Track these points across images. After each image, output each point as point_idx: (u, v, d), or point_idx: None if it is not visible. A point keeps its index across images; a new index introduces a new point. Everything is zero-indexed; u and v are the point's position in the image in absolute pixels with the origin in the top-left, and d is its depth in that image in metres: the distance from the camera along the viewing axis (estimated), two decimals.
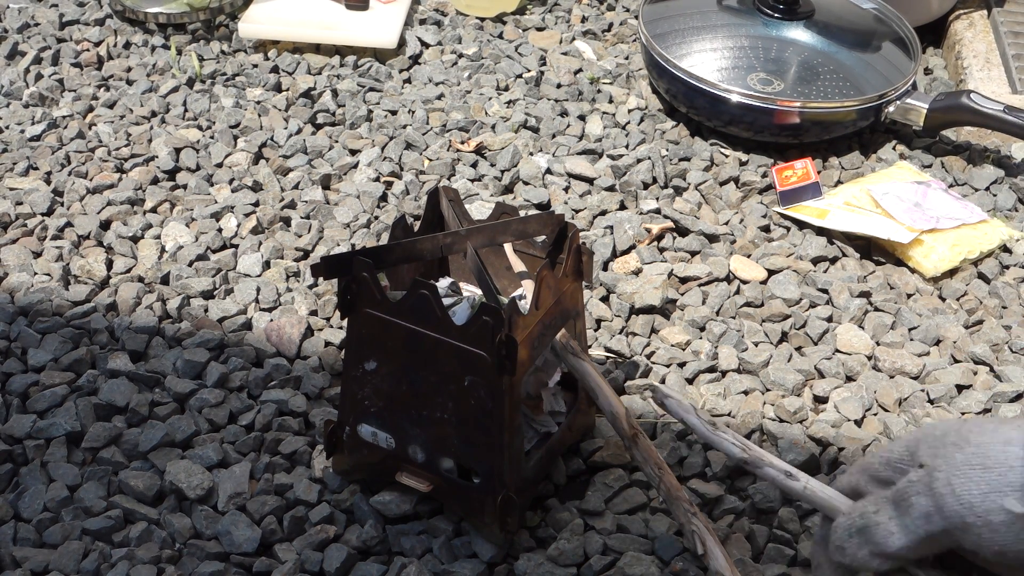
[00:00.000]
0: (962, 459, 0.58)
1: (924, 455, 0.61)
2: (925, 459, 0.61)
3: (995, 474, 0.57)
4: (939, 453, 0.60)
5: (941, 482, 0.58)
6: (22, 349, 0.95)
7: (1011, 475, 0.56)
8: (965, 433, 0.59)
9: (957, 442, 0.59)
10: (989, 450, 0.57)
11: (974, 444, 0.58)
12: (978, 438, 0.58)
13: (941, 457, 0.59)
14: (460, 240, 0.81)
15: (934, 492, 0.59)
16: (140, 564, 0.77)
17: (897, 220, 1.08)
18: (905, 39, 1.30)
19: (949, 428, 0.61)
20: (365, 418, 0.80)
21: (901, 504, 0.61)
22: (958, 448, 0.59)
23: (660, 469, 0.78)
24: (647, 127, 1.26)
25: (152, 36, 1.39)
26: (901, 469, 0.63)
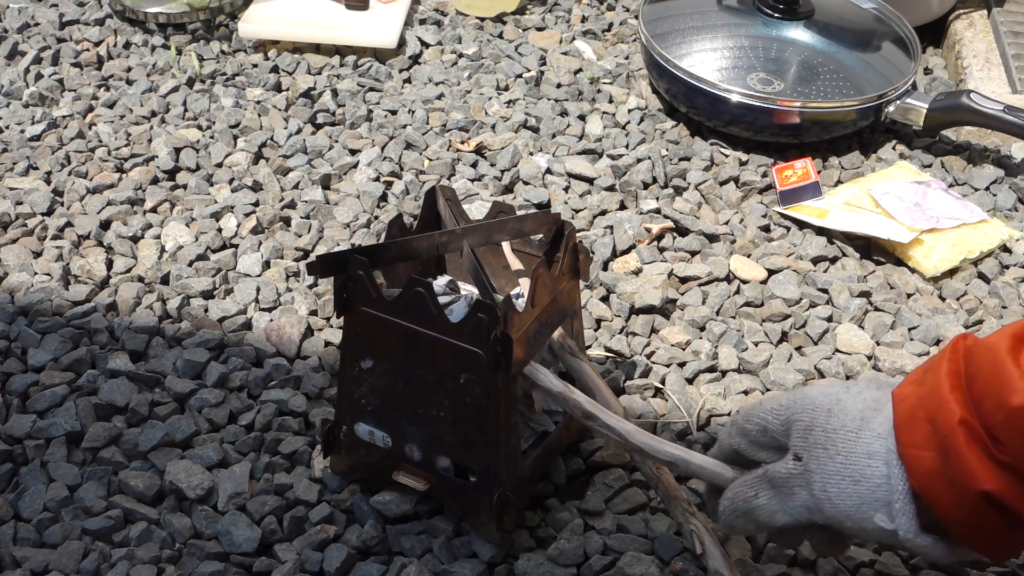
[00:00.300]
0: (834, 470, 0.63)
1: (796, 443, 0.66)
2: (798, 449, 0.65)
3: (864, 488, 0.62)
4: (811, 449, 0.65)
5: (818, 487, 0.64)
6: (22, 349, 0.95)
7: (878, 492, 0.62)
8: (831, 431, 0.64)
9: (825, 445, 0.64)
10: (856, 465, 0.63)
11: (842, 454, 0.63)
12: (844, 446, 0.63)
13: (814, 459, 0.64)
14: (456, 239, 0.81)
15: (813, 494, 0.64)
16: (140, 564, 0.77)
17: (897, 220, 1.08)
18: (905, 39, 1.30)
19: (816, 418, 0.65)
20: (362, 417, 0.80)
21: (782, 490, 0.66)
22: (827, 454, 0.64)
23: (658, 469, 0.78)
24: (647, 127, 1.26)
25: (152, 36, 1.39)
26: (776, 442, 0.68)
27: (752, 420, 0.69)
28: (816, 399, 0.66)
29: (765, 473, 0.68)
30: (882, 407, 0.64)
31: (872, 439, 0.63)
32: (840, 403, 0.66)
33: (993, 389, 0.59)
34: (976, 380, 0.60)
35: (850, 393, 0.67)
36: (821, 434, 0.65)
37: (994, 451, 0.59)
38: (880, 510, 0.62)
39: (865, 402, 0.65)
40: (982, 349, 0.61)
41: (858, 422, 0.64)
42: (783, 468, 0.66)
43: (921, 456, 0.61)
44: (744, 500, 0.69)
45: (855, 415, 0.65)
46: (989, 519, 0.60)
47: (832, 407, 0.66)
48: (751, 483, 0.68)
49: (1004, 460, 0.59)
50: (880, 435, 0.63)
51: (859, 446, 0.63)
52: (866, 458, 0.63)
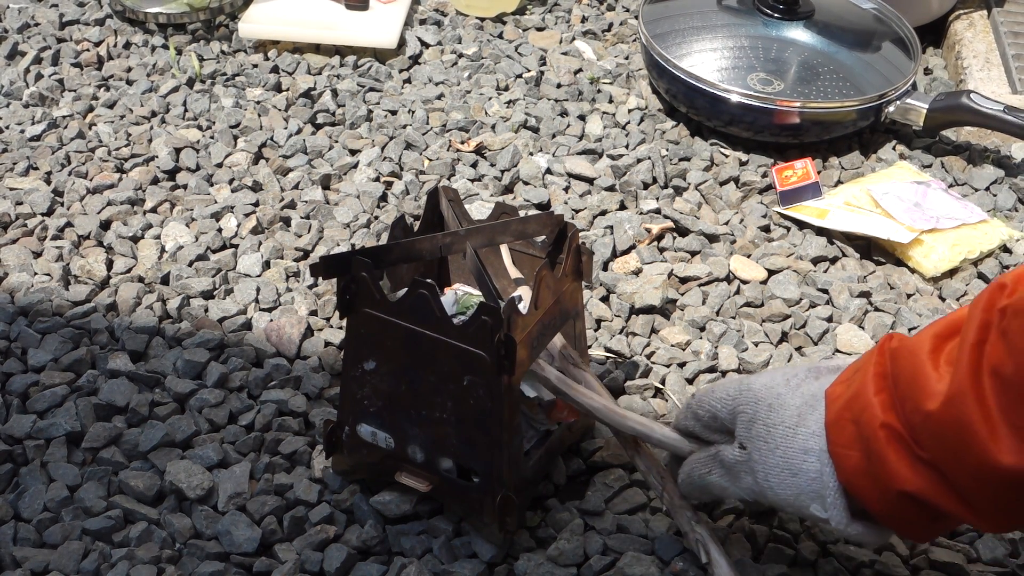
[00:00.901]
0: (774, 462, 0.68)
1: (741, 433, 0.71)
2: (743, 439, 0.71)
3: (801, 480, 0.67)
4: (753, 441, 0.70)
5: (760, 476, 0.69)
6: (22, 349, 0.95)
7: (813, 485, 0.67)
8: (771, 426, 0.69)
9: (766, 439, 0.69)
10: (793, 459, 0.68)
11: (781, 448, 0.68)
12: (782, 441, 0.68)
13: (756, 450, 0.69)
14: (459, 240, 0.81)
15: (758, 481, 0.70)
16: (140, 564, 0.77)
17: (897, 220, 1.08)
18: (905, 39, 1.30)
19: (757, 411, 0.70)
20: (364, 418, 0.80)
21: (731, 472, 0.72)
22: (767, 447, 0.69)
23: (663, 478, 0.78)
24: (647, 127, 1.26)
25: (152, 36, 1.39)
26: (724, 427, 0.73)
27: (703, 407, 0.74)
28: (758, 392, 0.71)
29: (717, 453, 0.73)
30: (817, 404, 0.68)
31: (808, 436, 0.67)
32: (780, 398, 0.70)
33: (912, 392, 0.62)
34: (899, 382, 0.64)
35: (790, 387, 0.71)
36: (762, 428, 0.69)
37: (917, 450, 0.63)
38: (815, 501, 0.67)
39: (803, 398, 0.69)
40: (905, 351, 0.65)
41: (795, 419, 0.68)
42: (730, 454, 0.72)
43: (847, 455, 0.65)
44: (699, 476, 0.75)
45: (793, 411, 0.69)
46: (911, 513, 0.65)
47: (772, 402, 0.70)
48: (705, 461, 0.74)
49: (925, 458, 0.62)
50: (815, 433, 0.67)
51: (796, 442, 0.68)
52: (802, 454, 0.67)
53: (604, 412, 0.78)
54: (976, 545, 0.81)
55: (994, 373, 0.58)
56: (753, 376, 0.73)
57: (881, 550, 0.80)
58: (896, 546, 0.81)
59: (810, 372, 0.72)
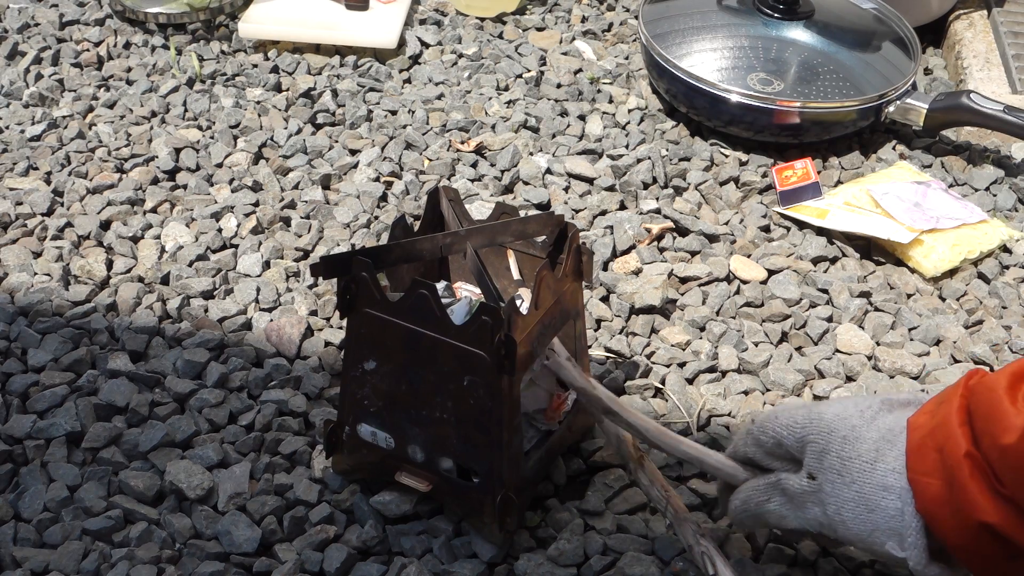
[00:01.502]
0: (848, 497, 0.67)
1: (811, 463, 0.69)
2: (813, 469, 0.69)
3: (878, 517, 0.66)
4: (825, 473, 0.68)
5: (832, 509, 0.68)
6: (22, 349, 0.95)
7: (891, 523, 0.66)
8: (846, 459, 0.67)
9: (840, 471, 0.67)
10: (871, 496, 0.66)
11: (858, 483, 0.67)
12: (859, 476, 0.67)
13: (828, 482, 0.68)
14: (460, 240, 0.81)
15: (827, 514, 0.68)
16: (140, 564, 0.77)
17: (897, 220, 1.08)
18: (905, 39, 1.30)
19: (831, 443, 0.68)
20: (365, 418, 0.80)
21: (795, 501, 0.70)
22: (842, 481, 0.67)
23: (667, 492, 0.78)
24: (647, 127, 1.26)
25: (152, 36, 1.39)
26: (790, 455, 0.71)
27: (767, 433, 0.72)
28: (831, 423, 0.69)
29: (779, 481, 0.71)
30: (896, 439, 0.67)
31: (887, 472, 0.66)
32: (855, 431, 0.68)
33: (990, 427, 0.62)
34: (976, 417, 0.64)
35: (864, 419, 0.69)
36: (836, 460, 0.68)
37: (996, 485, 0.62)
38: (892, 539, 0.66)
39: (879, 431, 0.68)
40: (983, 387, 0.64)
41: (873, 453, 0.67)
42: (797, 483, 0.70)
43: (928, 483, 0.64)
44: (756, 503, 0.73)
45: (870, 446, 0.67)
46: (988, 548, 0.63)
47: (847, 434, 0.68)
48: (764, 488, 0.72)
49: (1005, 494, 0.62)
50: (895, 470, 0.66)
51: (874, 478, 0.66)
52: (881, 490, 0.66)
53: (656, 435, 0.76)
54: None
55: None
56: (823, 405, 0.71)
57: None
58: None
59: (883, 405, 0.70)
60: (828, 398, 0.93)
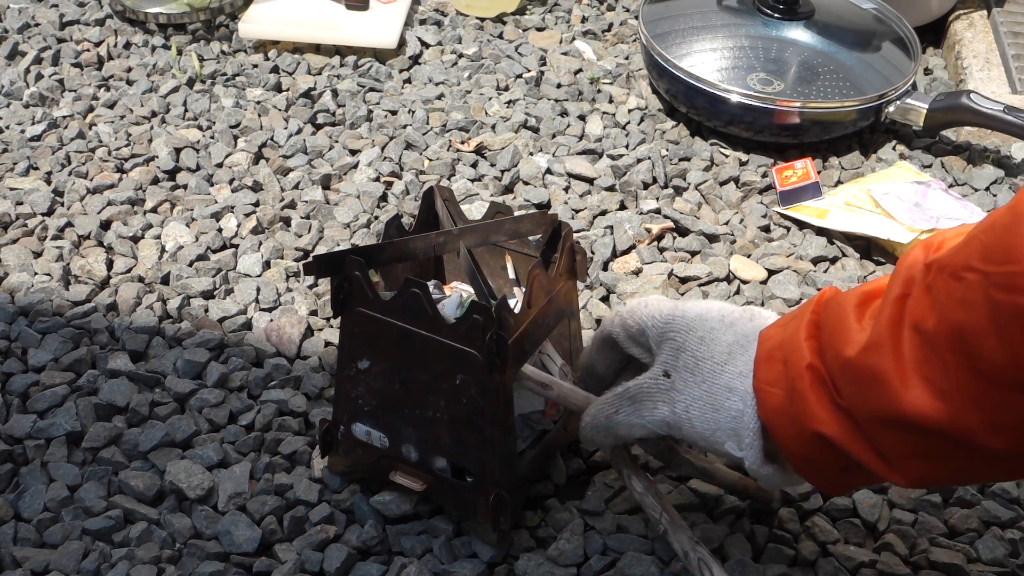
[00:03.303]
0: (697, 395, 0.69)
1: (667, 360, 0.71)
2: (668, 367, 0.71)
3: (721, 417, 0.69)
4: (679, 371, 0.70)
5: (680, 407, 0.70)
6: (22, 349, 0.95)
7: (732, 423, 0.68)
8: (700, 359, 0.70)
9: (693, 370, 0.70)
10: (717, 395, 0.69)
11: (707, 382, 0.69)
12: (710, 376, 0.69)
13: (681, 380, 0.70)
14: (453, 239, 0.81)
15: (675, 411, 0.70)
16: (140, 564, 0.78)
17: (897, 220, 1.08)
18: (905, 39, 1.30)
19: (688, 341, 0.71)
20: (359, 417, 0.80)
21: (644, 403, 0.72)
22: (693, 379, 0.70)
23: (660, 499, 0.78)
24: (647, 127, 1.26)
25: (152, 36, 1.39)
26: (648, 344, 0.74)
27: (634, 317, 0.75)
28: (692, 322, 0.72)
29: (627, 390, 0.73)
30: (748, 345, 0.69)
31: (734, 376, 0.69)
32: (712, 332, 0.71)
33: (834, 340, 0.64)
34: (824, 331, 0.65)
35: (724, 323, 0.71)
36: (691, 359, 0.70)
37: (836, 397, 0.64)
38: (731, 439, 0.69)
39: (735, 336, 0.70)
40: (835, 303, 0.66)
41: (725, 356, 0.69)
42: (650, 382, 0.72)
43: (771, 392, 0.67)
44: (606, 416, 0.75)
45: (723, 348, 0.70)
46: (823, 457, 0.66)
47: (704, 335, 0.71)
48: (612, 400, 0.74)
49: (842, 405, 0.64)
50: (741, 373, 0.68)
51: (722, 379, 0.69)
52: (726, 391, 0.68)
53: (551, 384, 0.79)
54: (976, 545, 0.81)
55: (914, 327, 0.60)
56: (690, 303, 0.73)
57: (881, 550, 0.80)
58: (895, 545, 0.81)
59: (745, 313, 0.72)
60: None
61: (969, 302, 0.56)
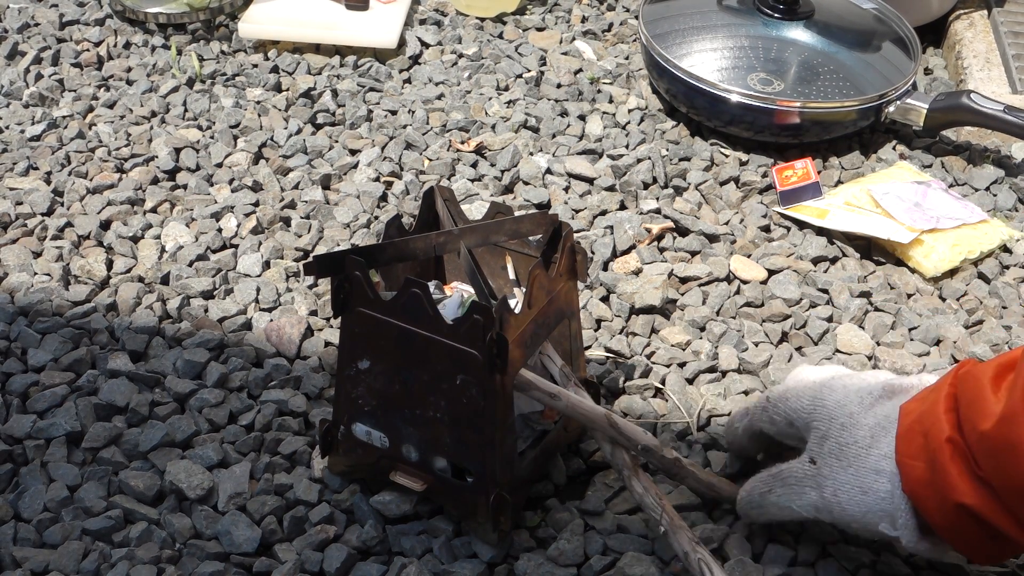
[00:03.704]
0: (845, 479, 0.71)
1: (813, 448, 0.74)
2: (814, 454, 0.74)
3: (871, 499, 0.70)
4: (825, 458, 0.73)
5: (829, 491, 0.72)
6: (22, 349, 0.95)
7: (883, 504, 0.70)
8: (844, 445, 0.72)
9: (839, 456, 0.72)
10: (865, 478, 0.70)
11: (854, 467, 0.71)
12: (855, 460, 0.71)
13: (827, 466, 0.72)
14: (453, 239, 0.81)
15: (824, 497, 0.72)
16: (140, 564, 0.77)
17: (897, 220, 1.08)
18: (905, 39, 1.30)
19: (831, 429, 0.73)
20: (359, 417, 0.80)
21: (794, 488, 0.74)
22: (840, 465, 0.72)
23: (661, 500, 0.78)
24: (647, 127, 1.26)
25: (152, 36, 1.39)
26: (799, 432, 0.76)
27: (780, 412, 0.78)
28: (832, 411, 0.74)
29: (780, 472, 0.76)
30: (890, 426, 0.71)
31: (880, 458, 0.70)
32: (852, 418, 0.73)
33: (972, 413, 0.66)
34: (962, 404, 0.68)
35: (863, 406, 0.73)
36: (835, 445, 0.72)
37: (976, 469, 0.66)
38: (884, 519, 0.70)
39: (876, 419, 0.72)
40: (971, 376, 0.68)
41: (868, 440, 0.71)
42: (799, 468, 0.75)
43: (914, 465, 0.69)
44: (759, 494, 0.77)
45: (866, 432, 0.72)
46: (968, 528, 0.68)
47: (845, 422, 0.73)
48: (766, 480, 0.77)
49: (983, 476, 0.66)
50: (886, 455, 0.70)
51: (868, 462, 0.71)
52: (874, 474, 0.70)
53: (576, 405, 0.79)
54: None
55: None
56: (826, 390, 0.76)
57: (881, 550, 0.80)
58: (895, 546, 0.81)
59: (884, 391, 0.74)
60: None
61: None
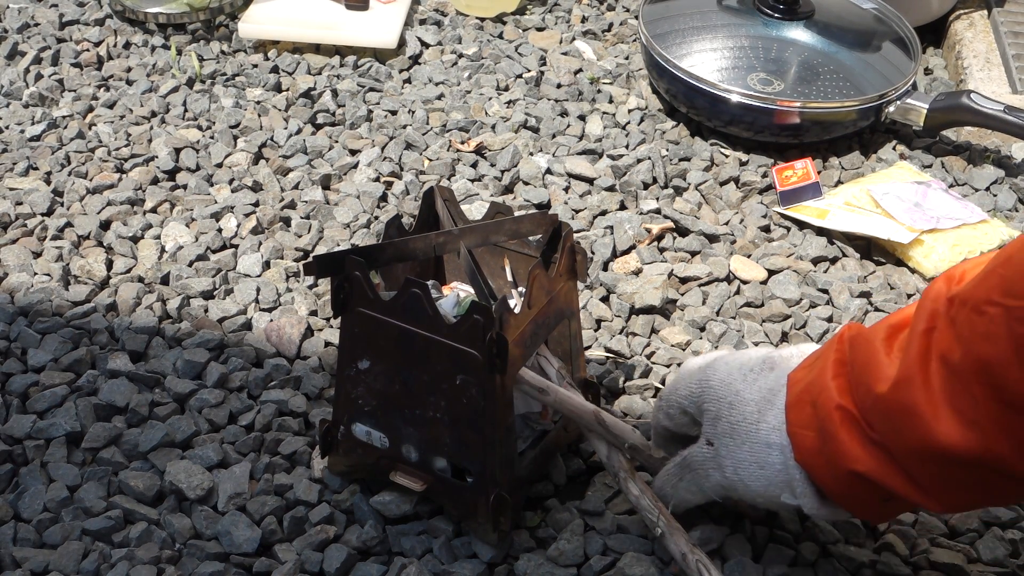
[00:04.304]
0: (742, 457, 0.71)
1: (707, 430, 0.74)
2: (709, 435, 0.73)
3: (769, 472, 0.70)
4: (720, 438, 0.72)
5: (730, 470, 0.72)
6: (22, 349, 0.95)
7: (780, 476, 0.70)
8: (734, 424, 0.72)
9: (732, 435, 0.72)
10: (759, 453, 0.70)
11: (747, 443, 0.71)
12: (747, 436, 0.71)
13: (724, 446, 0.72)
14: (453, 239, 0.81)
15: (726, 476, 0.72)
16: (140, 564, 0.77)
17: (897, 220, 1.08)
18: (905, 39, 1.30)
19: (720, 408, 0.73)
20: (359, 417, 0.80)
21: (698, 472, 0.74)
22: (734, 443, 0.71)
23: (657, 501, 0.78)
24: (647, 127, 1.26)
25: (152, 36, 1.39)
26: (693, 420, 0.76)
27: (672, 405, 0.78)
28: (718, 391, 0.74)
29: (683, 459, 0.76)
30: (775, 398, 0.71)
31: (769, 431, 0.70)
32: (739, 395, 0.73)
33: (865, 376, 0.66)
34: (854, 367, 0.67)
35: (747, 381, 0.73)
36: (727, 425, 0.72)
37: (868, 431, 0.66)
38: (784, 490, 0.70)
39: (760, 392, 0.72)
40: (862, 339, 0.68)
41: (756, 414, 0.71)
42: (698, 452, 0.74)
43: (804, 435, 0.68)
44: (671, 485, 0.77)
45: (753, 407, 0.72)
46: (863, 493, 0.68)
47: (732, 399, 0.73)
48: (673, 471, 0.77)
49: (876, 439, 0.66)
50: (775, 427, 0.70)
51: (759, 436, 0.71)
52: (766, 447, 0.70)
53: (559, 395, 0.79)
54: (976, 545, 0.81)
55: (941, 360, 0.61)
56: (710, 369, 0.75)
57: (881, 550, 0.80)
58: (895, 546, 0.81)
59: (765, 363, 0.74)
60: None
61: (992, 335, 0.58)
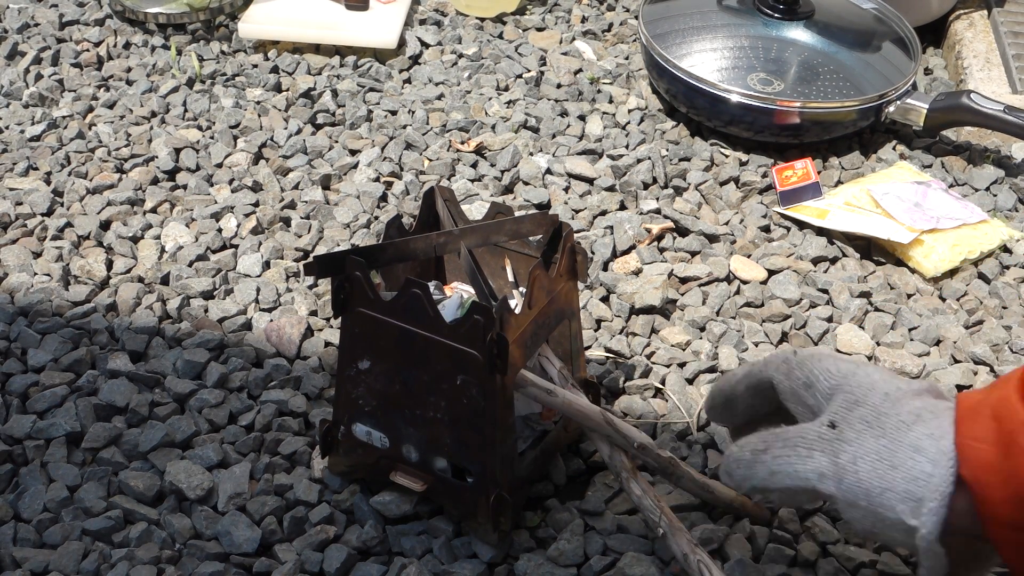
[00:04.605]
0: (873, 448, 0.62)
1: (837, 412, 0.65)
2: (837, 418, 0.64)
3: (899, 476, 0.61)
4: (853, 423, 0.63)
5: (847, 457, 0.62)
6: (22, 349, 0.95)
7: (911, 485, 0.61)
8: (882, 414, 0.63)
9: (872, 424, 0.63)
10: (900, 452, 0.61)
11: (888, 438, 0.62)
12: (894, 432, 0.62)
13: (854, 431, 0.63)
14: (454, 240, 0.81)
15: (838, 463, 0.63)
16: (140, 564, 0.77)
17: (897, 220, 1.08)
18: (905, 39, 1.30)
19: (869, 396, 0.64)
20: (360, 417, 0.80)
21: (798, 450, 0.64)
22: (871, 433, 0.62)
23: (659, 501, 0.78)
24: (647, 127, 1.26)
25: (152, 36, 1.39)
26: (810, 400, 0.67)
27: (804, 369, 0.68)
28: (876, 382, 0.66)
29: (784, 431, 0.67)
30: (941, 414, 0.64)
31: (923, 436, 0.62)
32: (900, 392, 0.65)
33: None
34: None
35: (912, 389, 0.66)
36: (870, 412, 0.64)
37: None
38: (905, 502, 0.61)
39: (924, 404, 0.65)
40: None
41: (913, 416, 0.64)
42: (812, 430, 0.65)
43: (979, 447, 0.61)
44: (751, 451, 0.68)
45: (912, 410, 0.64)
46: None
47: (891, 393, 0.65)
48: (765, 437, 0.68)
49: None
50: (933, 436, 0.62)
51: (908, 437, 0.63)
52: (911, 450, 0.62)
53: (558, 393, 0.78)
54: None
55: None
56: (864, 367, 0.68)
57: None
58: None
59: (928, 389, 0.67)
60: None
61: None
